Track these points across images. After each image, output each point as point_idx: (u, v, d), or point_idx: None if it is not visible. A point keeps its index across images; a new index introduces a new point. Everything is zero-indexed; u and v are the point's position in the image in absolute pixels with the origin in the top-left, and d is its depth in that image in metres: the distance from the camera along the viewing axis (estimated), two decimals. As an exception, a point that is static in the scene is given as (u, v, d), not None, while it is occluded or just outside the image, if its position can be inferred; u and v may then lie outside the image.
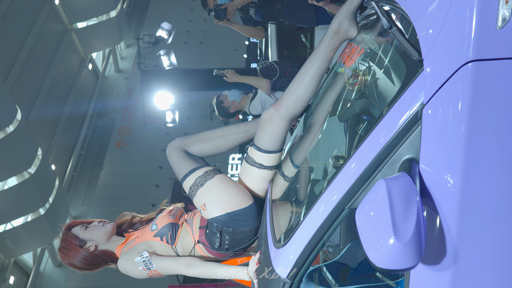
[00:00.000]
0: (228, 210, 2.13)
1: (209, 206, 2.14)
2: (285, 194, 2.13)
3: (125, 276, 2.34)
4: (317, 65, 2.00)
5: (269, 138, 2.08)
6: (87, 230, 2.31)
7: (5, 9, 11.37)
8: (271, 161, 2.14)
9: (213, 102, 4.76)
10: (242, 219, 2.14)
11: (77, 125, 15.46)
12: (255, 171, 2.17)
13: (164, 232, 2.26)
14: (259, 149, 2.12)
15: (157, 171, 15.12)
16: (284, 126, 2.06)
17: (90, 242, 2.29)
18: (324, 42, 2.00)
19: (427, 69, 1.30)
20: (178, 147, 2.27)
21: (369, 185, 1.44)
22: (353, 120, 1.78)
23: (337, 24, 1.96)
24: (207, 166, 2.22)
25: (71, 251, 2.27)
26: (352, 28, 1.95)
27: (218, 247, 2.19)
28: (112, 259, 2.33)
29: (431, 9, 1.33)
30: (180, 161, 2.23)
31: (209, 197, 2.14)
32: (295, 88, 2.02)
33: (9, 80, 11.44)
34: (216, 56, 16.62)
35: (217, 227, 2.15)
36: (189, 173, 2.19)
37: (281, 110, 2.03)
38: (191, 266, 2.18)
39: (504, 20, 1.18)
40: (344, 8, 1.96)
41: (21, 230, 11.49)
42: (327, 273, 2.11)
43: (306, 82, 2.01)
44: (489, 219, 1.28)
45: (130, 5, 19.18)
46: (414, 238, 1.17)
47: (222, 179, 2.17)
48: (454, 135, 1.24)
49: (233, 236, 2.16)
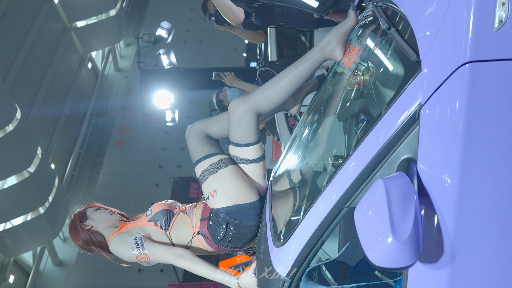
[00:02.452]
0: (237, 202, 2.14)
1: (219, 194, 2.15)
2: (284, 193, 2.14)
3: (125, 275, 2.37)
4: (295, 73, 2.04)
5: (240, 132, 2.11)
6: (95, 212, 2.41)
7: (4, 8, 11.36)
8: (254, 153, 2.17)
9: (213, 99, 4.76)
10: (248, 213, 2.16)
11: (76, 124, 15.46)
12: (244, 167, 2.20)
13: (159, 218, 2.29)
14: (237, 144, 2.15)
15: (157, 170, 15.14)
16: (250, 118, 2.09)
17: (90, 221, 2.37)
18: (309, 54, 2.04)
19: (425, 70, 1.31)
20: (197, 129, 2.28)
21: (367, 184, 1.45)
22: (351, 120, 1.79)
23: (326, 42, 2.01)
24: (223, 154, 2.23)
25: (73, 223, 2.40)
26: (337, 50, 1.99)
27: (221, 239, 2.19)
28: (102, 245, 2.36)
29: (429, 11, 1.34)
30: (197, 145, 2.24)
31: (221, 185, 2.15)
32: (267, 87, 2.07)
33: (9, 79, 11.44)
34: (215, 55, 16.62)
35: (223, 217, 2.16)
36: (204, 157, 2.20)
37: (248, 102, 2.06)
38: (181, 258, 2.18)
39: (501, 21, 1.19)
40: (337, 28, 2.00)
41: (20, 229, 11.49)
42: (326, 271, 2.12)
43: (279, 85, 2.05)
44: (486, 218, 1.29)
45: (129, 4, 19.17)
46: (412, 237, 1.19)
47: (235, 170, 2.17)
48: (452, 135, 1.25)
49: (238, 229, 2.17)
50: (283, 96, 2.07)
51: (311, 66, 2.03)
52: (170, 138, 15.57)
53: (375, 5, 1.69)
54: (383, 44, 1.65)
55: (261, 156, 2.20)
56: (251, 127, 2.10)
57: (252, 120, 2.09)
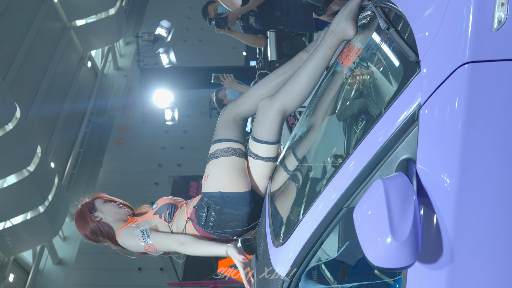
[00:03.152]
0: (221, 189, 2.20)
1: (209, 179, 2.23)
2: (283, 193, 2.14)
3: (125, 274, 2.41)
4: (314, 63, 2.04)
5: (263, 129, 2.15)
6: (104, 204, 2.48)
7: (3, 6, 11.35)
8: (266, 152, 2.20)
9: (213, 97, 4.77)
10: (231, 202, 2.20)
11: (76, 123, 15.45)
12: (251, 161, 2.25)
13: (163, 211, 2.38)
14: (255, 139, 2.20)
15: (157, 168, 15.14)
16: (277, 118, 2.12)
17: (99, 213, 2.43)
18: (322, 41, 2.03)
19: (424, 70, 1.31)
20: (228, 110, 2.32)
21: (367, 184, 1.46)
22: (351, 119, 1.80)
23: (335, 24, 1.99)
24: (235, 142, 2.25)
25: (81, 213, 2.46)
26: (349, 28, 1.97)
27: (203, 223, 2.25)
28: (110, 236, 2.43)
29: (428, 11, 1.34)
30: (219, 126, 2.29)
31: (214, 171, 2.22)
32: (292, 85, 2.08)
33: (8, 78, 11.43)
34: (215, 54, 16.60)
35: (206, 202, 2.23)
36: (216, 141, 2.26)
37: (276, 103, 2.09)
38: (184, 244, 2.26)
39: (500, 22, 1.19)
40: (343, 8, 1.98)
41: (20, 228, 11.49)
42: (326, 271, 2.13)
43: (303, 80, 2.05)
44: (486, 218, 1.30)
45: (129, 2, 19.15)
46: (411, 237, 1.19)
47: (234, 162, 2.21)
48: (451, 135, 1.25)
49: (219, 215, 2.21)
50: (308, 90, 2.09)
51: (327, 52, 2.02)
52: (169, 137, 15.57)
53: (375, 5, 1.69)
54: (383, 44, 1.65)
55: (271, 158, 2.23)
56: (273, 127, 2.14)
57: (276, 119, 2.12)
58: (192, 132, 15.56)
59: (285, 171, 2.25)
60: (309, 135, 2.25)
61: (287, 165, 2.27)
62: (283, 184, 2.18)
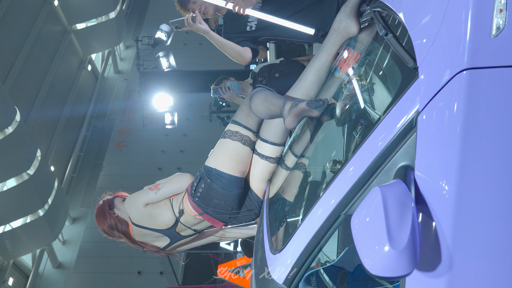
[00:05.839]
0: (217, 167, 2.28)
1: (212, 155, 2.34)
2: (281, 199, 2.13)
3: (124, 278, 2.44)
4: (319, 62, 2.10)
5: (270, 129, 2.24)
6: (122, 202, 2.60)
7: (4, 10, 11.37)
8: (271, 152, 2.27)
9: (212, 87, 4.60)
10: (221, 181, 2.28)
11: (76, 126, 15.46)
12: (255, 159, 2.33)
13: None
14: (262, 139, 2.28)
15: (156, 172, 15.11)
16: None
17: (117, 210, 2.57)
18: (325, 40, 2.09)
19: (422, 76, 1.30)
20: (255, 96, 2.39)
21: (364, 191, 1.44)
22: (349, 125, 1.79)
23: (337, 22, 2.04)
24: (246, 129, 2.30)
25: (101, 207, 2.60)
26: (352, 25, 1.99)
27: (193, 192, 2.34)
28: (125, 231, 2.54)
29: (427, 17, 1.33)
30: (241, 108, 2.35)
31: (218, 149, 2.32)
32: (298, 87, 2.15)
33: (8, 81, 11.43)
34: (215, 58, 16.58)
35: (202, 173, 2.34)
36: (232, 121, 2.34)
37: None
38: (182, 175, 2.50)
39: (498, 28, 1.18)
40: (344, 6, 2.01)
41: (20, 231, 11.48)
42: (324, 277, 2.12)
43: (309, 80, 2.12)
44: (484, 225, 1.28)
45: (129, 6, 19.18)
46: (409, 245, 1.18)
47: (237, 148, 2.28)
48: (449, 142, 1.25)
49: (207, 189, 2.30)
50: (314, 90, 2.14)
51: (331, 50, 2.07)
52: (169, 140, 15.57)
53: (373, 11, 1.68)
54: (381, 50, 1.64)
55: (276, 158, 2.30)
56: (280, 128, 2.22)
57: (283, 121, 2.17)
58: (192, 135, 15.56)
59: (283, 177, 2.25)
60: (307, 140, 2.24)
61: (285, 171, 2.26)
62: (281, 190, 2.17)
